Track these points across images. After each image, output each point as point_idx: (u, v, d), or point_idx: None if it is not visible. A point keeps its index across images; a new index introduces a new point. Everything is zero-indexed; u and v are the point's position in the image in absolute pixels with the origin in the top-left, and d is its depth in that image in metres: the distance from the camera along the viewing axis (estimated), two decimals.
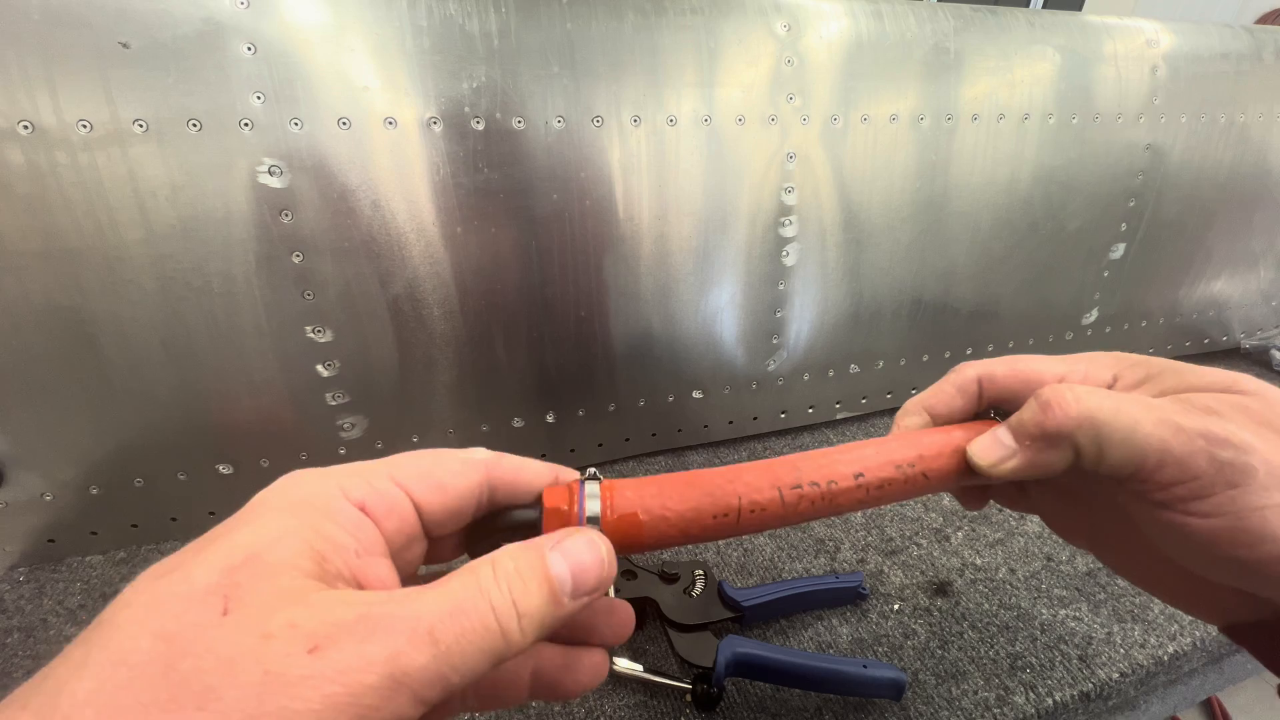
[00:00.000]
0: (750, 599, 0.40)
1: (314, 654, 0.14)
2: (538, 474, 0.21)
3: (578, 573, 0.17)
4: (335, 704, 0.13)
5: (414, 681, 0.14)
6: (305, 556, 0.16)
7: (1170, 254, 0.69)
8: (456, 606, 0.15)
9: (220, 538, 0.16)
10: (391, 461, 0.19)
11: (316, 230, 0.42)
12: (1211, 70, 0.62)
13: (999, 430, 0.23)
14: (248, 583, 0.15)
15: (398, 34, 0.41)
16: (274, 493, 0.17)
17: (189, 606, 0.14)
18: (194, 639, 0.14)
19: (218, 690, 0.13)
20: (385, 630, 0.14)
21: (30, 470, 0.43)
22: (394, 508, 0.18)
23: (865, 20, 0.51)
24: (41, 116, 0.36)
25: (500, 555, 0.17)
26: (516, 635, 0.16)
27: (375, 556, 0.17)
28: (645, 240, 0.50)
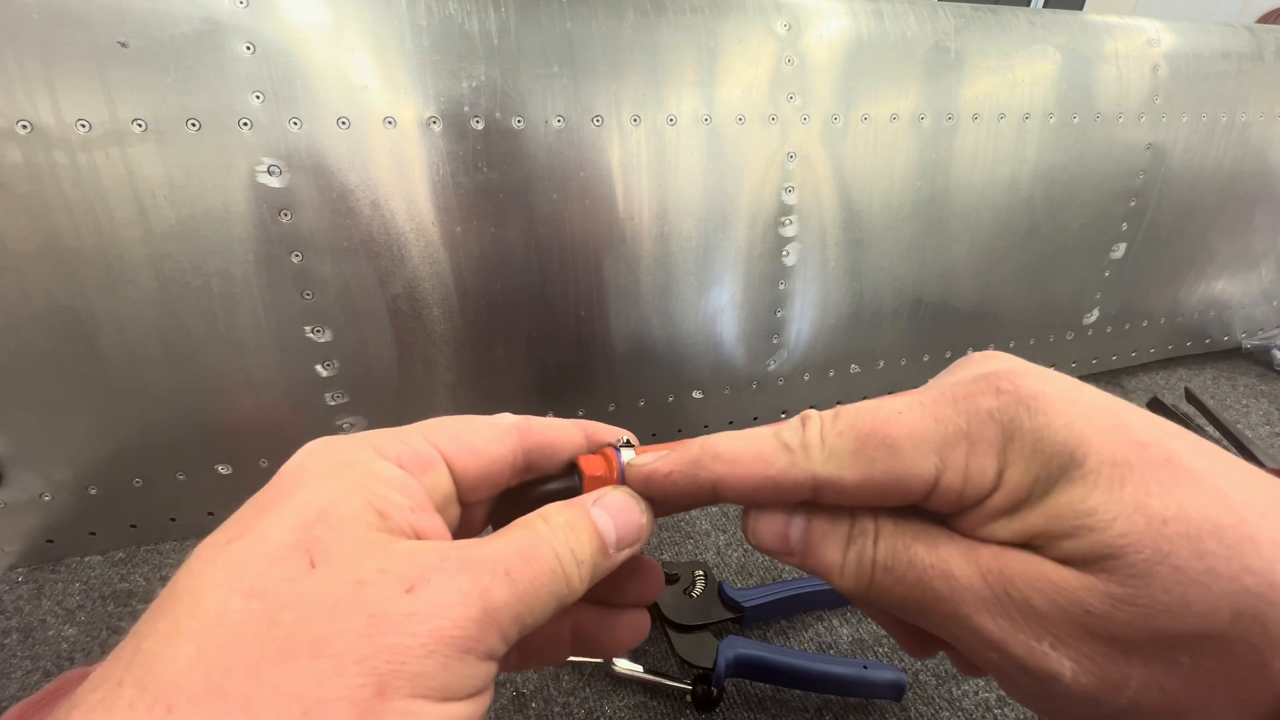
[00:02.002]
0: (750, 599, 0.40)
1: (412, 593, 0.14)
2: (567, 434, 0.21)
3: (620, 525, 0.18)
4: (441, 637, 0.14)
5: (501, 617, 0.15)
6: (370, 512, 0.15)
7: (1171, 253, 0.69)
8: (526, 551, 0.16)
9: (278, 500, 0.15)
10: (424, 425, 0.19)
11: (316, 230, 0.42)
12: (1212, 69, 0.62)
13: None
14: (327, 536, 0.14)
15: (397, 33, 0.40)
16: (310, 458, 0.17)
17: (274, 564, 0.14)
18: (288, 593, 0.13)
19: (327, 637, 0.13)
20: (472, 568, 0.15)
21: (29, 470, 0.43)
22: (430, 465, 0.18)
23: (865, 19, 0.50)
24: (40, 116, 0.36)
25: (548, 510, 0.17)
26: (576, 580, 0.17)
27: (428, 512, 0.17)
28: (645, 240, 0.50)
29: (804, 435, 0.18)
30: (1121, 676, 0.14)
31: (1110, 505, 0.14)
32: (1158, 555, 0.13)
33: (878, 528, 0.18)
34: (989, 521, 0.16)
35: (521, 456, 0.20)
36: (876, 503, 0.17)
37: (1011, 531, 0.16)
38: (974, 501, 0.16)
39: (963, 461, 0.16)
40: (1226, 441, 0.52)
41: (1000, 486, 0.16)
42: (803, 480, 0.17)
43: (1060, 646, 0.14)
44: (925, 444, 0.16)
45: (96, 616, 0.42)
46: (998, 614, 0.15)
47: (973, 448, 0.16)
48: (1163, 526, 0.14)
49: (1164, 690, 0.14)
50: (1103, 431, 0.15)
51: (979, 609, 0.15)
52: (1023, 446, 0.16)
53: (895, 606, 0.17)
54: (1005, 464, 0.16)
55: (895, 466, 0.16)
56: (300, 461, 0.17)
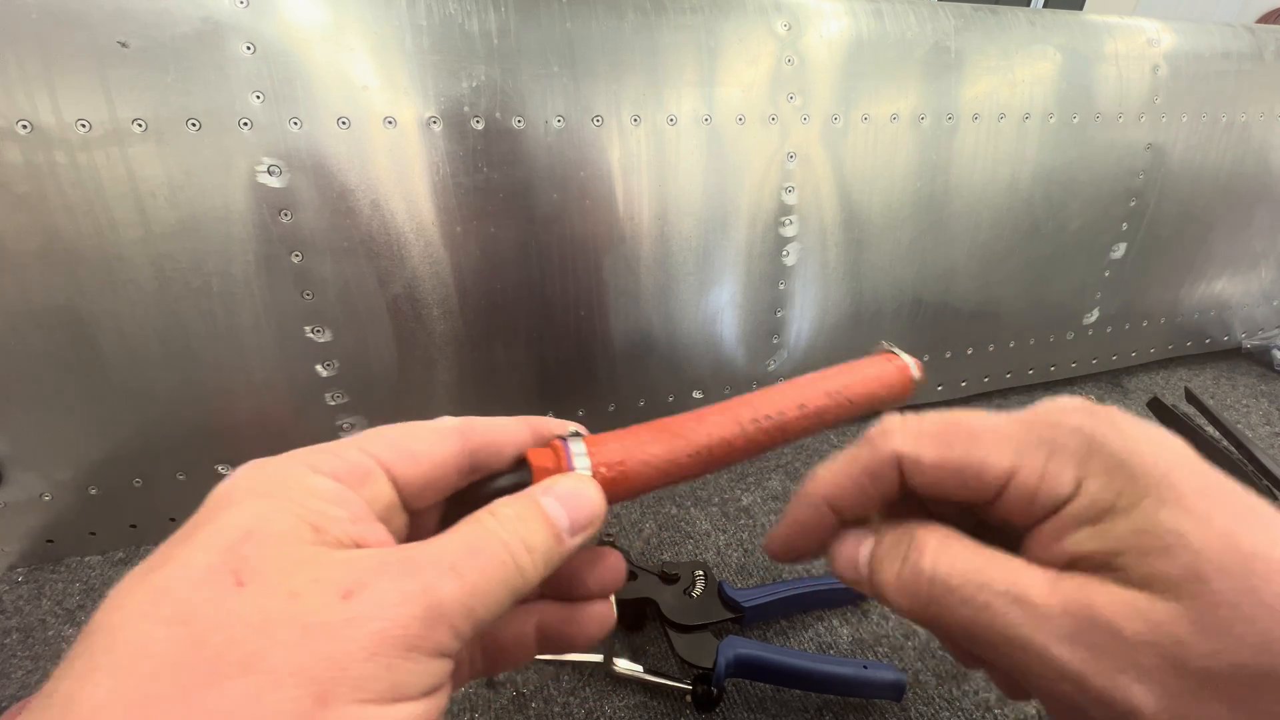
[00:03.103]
0: (750, 599, 0.40)
1: (349, 599, 0.14)
2: (512, 432, 0.21)
3: (572, 511, 0.18)
4: (384, 638, 0.13)
5: (449, 613, 0.14)
6: (303, 527, 0.15)
7: (1171, 253, 0.69)
8: (473, 545, 0.16)
9: (203, 525, 0.15)
10: (360, 436, 0.19)
11: (316, 230, 0.42)
12: (1213, 69, 0.62)
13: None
14: (254, 554, 0.14)
15: (397, 33, 0.40)
16: (238, 481, 0.17)
17: (197, 588, 0.13)
18: (215, 614, 0.13)
19: (259, 653, 0.13)
20: (414, 568, 0.15)
21: (29, 470, 0.43)
22: (367, 476, 0.18)
23: (865, 19, 0.50)
24: (40, 116, 0.36)
25: (496, 504, 0.17)
26: (530, 569, 0.17)
27: (369, 522, 0.17)
28: (645, 240, 0.50)
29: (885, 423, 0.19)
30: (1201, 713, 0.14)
31: (1201, 531, 0.14)
32: (1246, 586, 0.14)
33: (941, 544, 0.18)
34: (1069, 531, 0.16)
35: (466, 458, 0.20)
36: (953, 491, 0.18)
37: (1094, 543, 0.16)
38: (1048, 507, 0.16)
39: (1040, 464, 0.17)
40: (1226, 442, 0.51)
41: (1079, 495, 0.16)
42: (887, 457, 0.19)
43: (1145, 679, 0.14)
44: (1006, 440, 0.17)
45: None
46: (1079, 644, 0.15)
47: (1052, 455, 0.17)
48: (1250, 561, 0.14)
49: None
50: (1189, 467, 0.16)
51: (1057, 639, 0.15)
52: (1106, 461, 0.16)
53: (958, 629, 0.17)
54: (1085, 474, 0.16)
55: (974, 452, 0.17)
56: (228, 485, 0.17)
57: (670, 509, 0.52)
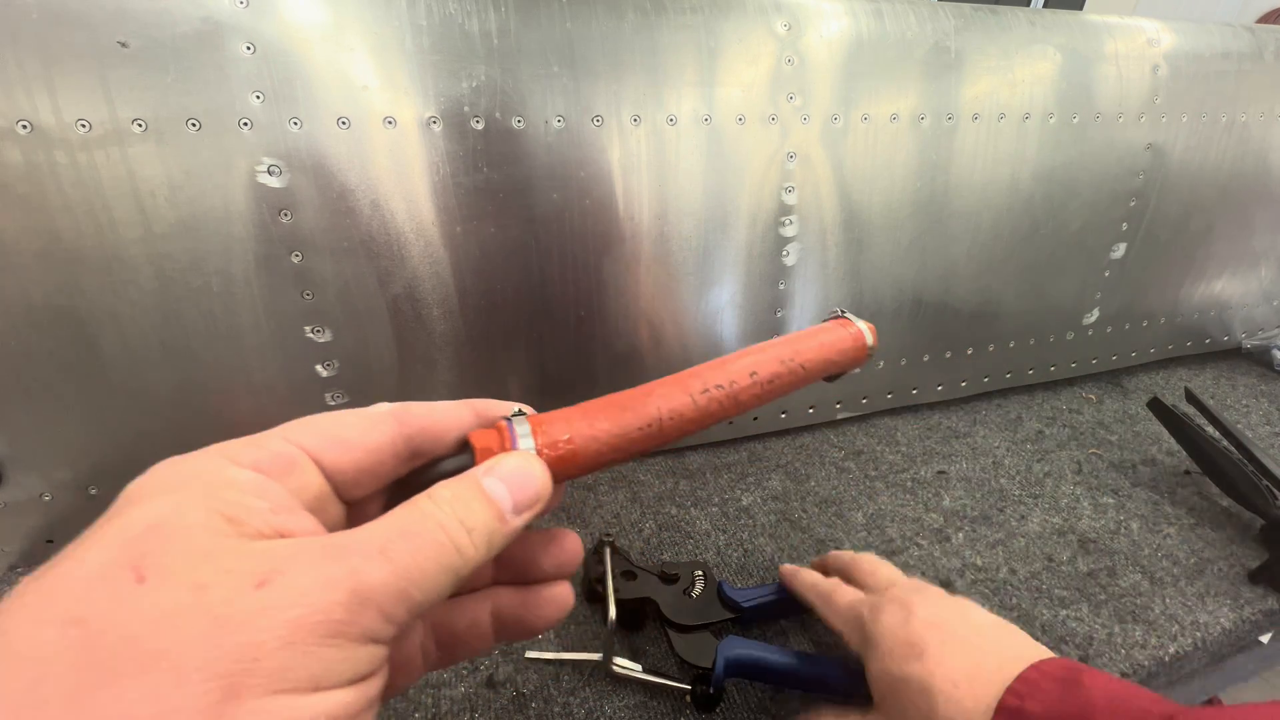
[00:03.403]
0: (750, 600, 0.40)
1: (263, 588, 0.13)
2: (454, 414, 0.20)
3: (515, 490, 0.18)
4: (301, 625, 0.13)
5: (377, 597, 0.14)
6: (217, 519, 0.14)
7: (1171, 253, 0.69)
8: (404, 529, 0.16)
9: (106, 523, 0.14)
10: (285, 425, 0.18)
11: (316, 230, 0.42)
12: (1212, 69, 0.62)
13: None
14: (157, 548, 0.13)
15: (397, 33, 0.40)
16: (150, 477, 0.16)
17: (93, 586, 0.13)
18: (111, 612, 0.12)
19: (160, 650, 0.12)
20: (337, 553, 0.14)
21: (29, 470, 0.43)
22: (291, 466, 0.17)
23: (865, 19, 0.50)
24: (40, 116, 0.36)
25: (435, 487, 0.17)
26: (470, 549, 0.16)
27: (294, 512, 0.16)
28: (645, 240, 0.50)
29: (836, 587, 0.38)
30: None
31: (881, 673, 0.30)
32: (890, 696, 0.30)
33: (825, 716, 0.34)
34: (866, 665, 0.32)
35: (402, 443, 0.19)
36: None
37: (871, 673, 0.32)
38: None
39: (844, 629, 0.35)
40: (1226, 442, 0.52)
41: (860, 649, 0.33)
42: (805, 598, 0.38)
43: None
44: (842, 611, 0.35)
45: None
46: None
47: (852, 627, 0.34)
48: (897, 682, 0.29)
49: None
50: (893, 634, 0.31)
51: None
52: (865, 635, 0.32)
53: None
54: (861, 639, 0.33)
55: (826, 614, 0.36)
56: (139, 482, 0.16)
57: (670, 509, 0.52)
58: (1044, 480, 0.56)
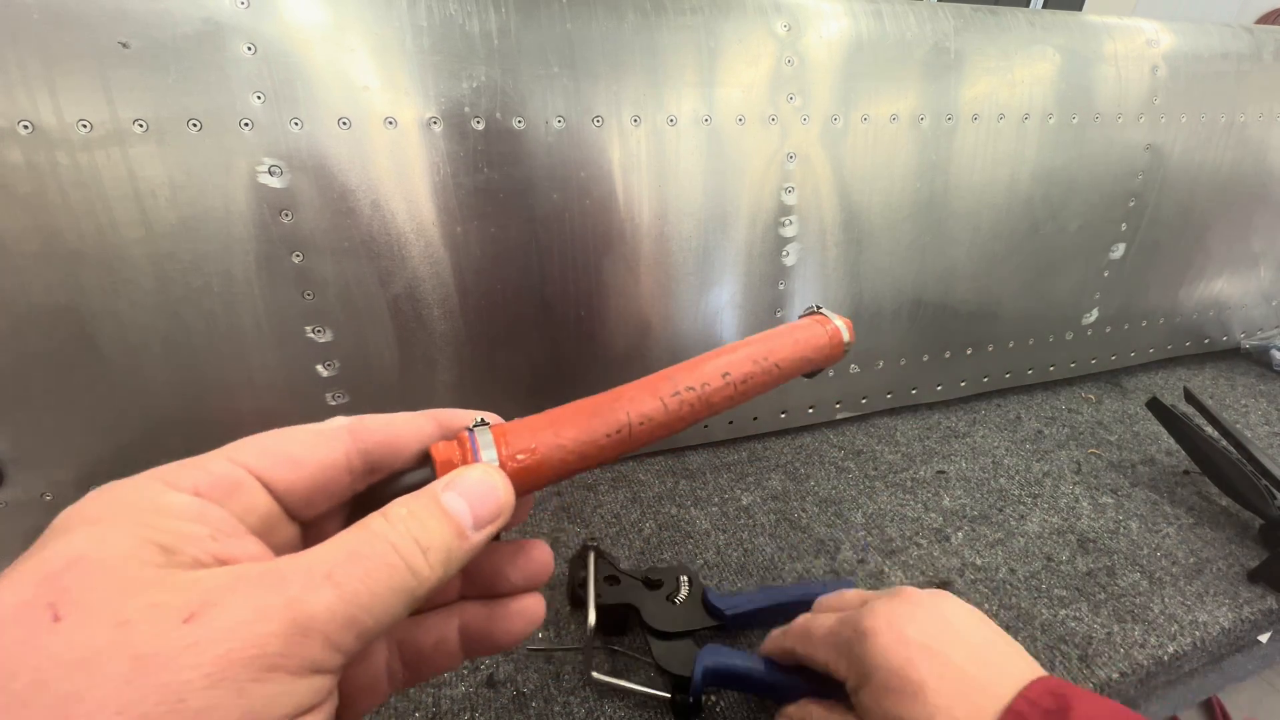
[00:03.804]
0: (733, 607, 0.39)
1: (191, 622, 0.12)
2: (414, 427, 0.20)
3: (475, 504, 0.17)
4: (231, 661, 0.12)
5: (321, 625, 0.13)
6: (148, 549, 0.14)
7: (1170, 254, 0.69)
8: (352, 551, 0.15)
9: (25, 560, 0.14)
10: (230, 445, 0.17)
11: (316, 230, 0.42)
12: (1212, 70, 0.62)
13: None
14: (77, 584, 0.13)
15: (398, 34, 0.41)
16: (82, 506, 0.15)
17: (4, 627, 0.12)
18: (22, 656, 0.12)
19: (75, 693, 0.11)
20: (275, 580, 0.14)
21: (30, 470, 0.43)
22: (236, 488, 0.16)
23: (865, 20, 0.51)
24: (41, 116, 0.36)
25: (390, 505, 0.16)
26: (425, 570, 0.16)
27: (237, 537, 0.15)
28: (645, 240, 0.50)
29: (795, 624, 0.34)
30: None
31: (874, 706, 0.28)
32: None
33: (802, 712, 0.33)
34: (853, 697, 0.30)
35: (358, 458, 0.19)
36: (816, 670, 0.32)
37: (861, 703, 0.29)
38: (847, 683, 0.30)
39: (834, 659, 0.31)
40: (1225, 442, 0.52)
41: (848, 678, 0.30)
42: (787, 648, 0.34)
43: None
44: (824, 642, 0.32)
45: None
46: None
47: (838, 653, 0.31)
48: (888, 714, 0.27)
49: None
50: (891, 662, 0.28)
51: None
52: (851, 659, 0.29)
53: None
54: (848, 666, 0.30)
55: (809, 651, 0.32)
56: (69, 511, 0.15)
57: (670, 509, 0.52)
58: (1043, 480, 0.56)
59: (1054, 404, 0.69)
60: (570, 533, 0.49)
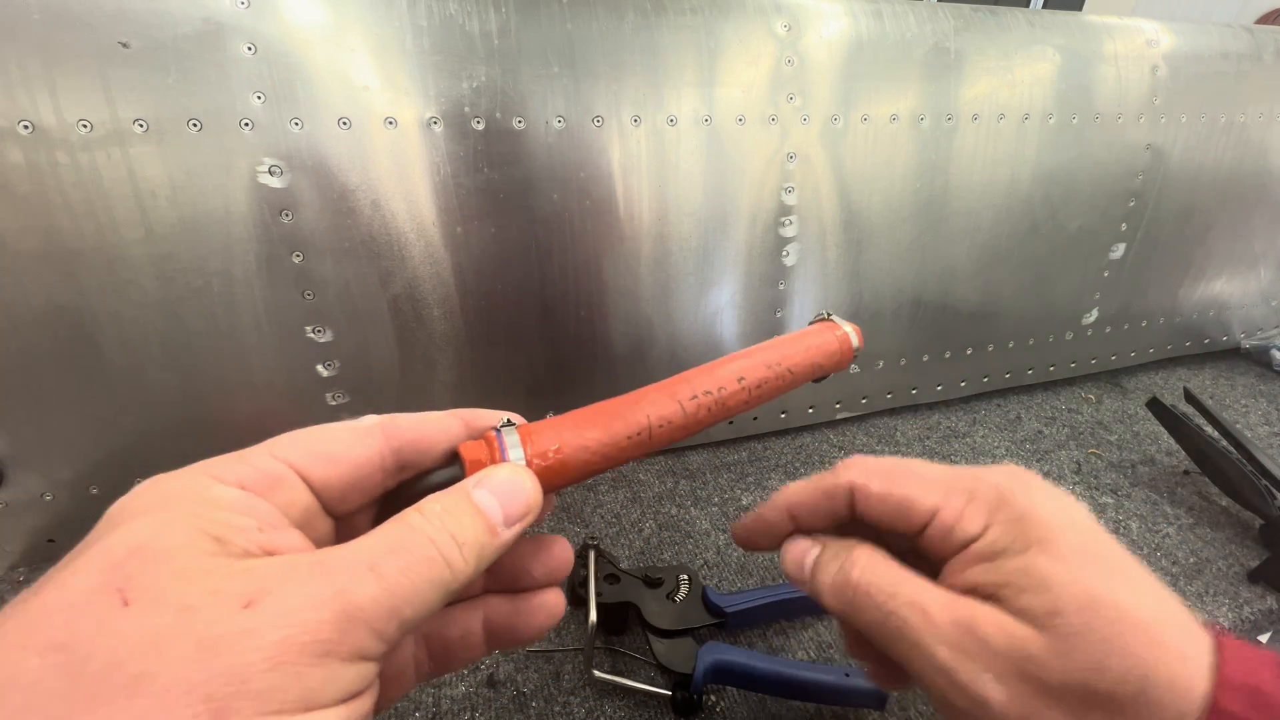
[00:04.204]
0: (733, 605, 0.39)
1: (250, 608, 0.13)
2: (442, 425, 0.20)
3: (505, 502, 0.18)
4: (289, 646, 0.13)
5: (367, 615, 0.14)
6: (202, 539, 0.14)
7: (1170, 254, 0.69)
8: (395, 544, 0.15)
9: (88, 546, 0.14)
10: (271, 441, 0.18)
11: (316, 230, 0.42)
12: (1212, 70, 0.62)
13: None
14: (141, 571, 0.13)
15: (398, 34, 0.41)
16: (133, 499, 0.16)
17: (77, 612, 0.13)
18: (96, 637, 0.12)
19: (148, 674, 0.12)
20: (325, 571, 0.14)
21: (30, 470, 0.43)
22: (278, 483, 0.17)
23: (865, 20, 0.51)
24: (41, 116, 0.36)
25: (425, 501, 0.17)
26: (460, 563, 0.16)
27: (281, 529, 0.16)
28: (645, 240, 0.50)
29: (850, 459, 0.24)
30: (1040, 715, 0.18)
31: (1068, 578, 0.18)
32: (1090, 625, 0.18)
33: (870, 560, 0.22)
34: (971, 564, 0.20)
35: (390, 456, 0.19)
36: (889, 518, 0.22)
37: (986, 578, 0.20)
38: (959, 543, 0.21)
39: (959, 507, 0.21)
40: (1225, 441, 0.52)
41: (983, 537, 0.20)
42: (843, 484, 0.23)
43: (1001, 681, 0.18)
44: (937, 484, 0.22)
45: None
46: (956, 649, 0.19)
47: (969, 501, 0.21)
48: (1098, 605, 0.18)
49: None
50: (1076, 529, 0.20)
51: (940, 642, 0.19)
52: (1010, 514, 0.20)
53: (868, 626, 0.21)
54: (992, 521, 0.20)
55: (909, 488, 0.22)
56: (123, 502, 0.16)
57: (670, 509, 0.52)
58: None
59: (1054, 404, 0.69)
60: (570, 532, 0.49)
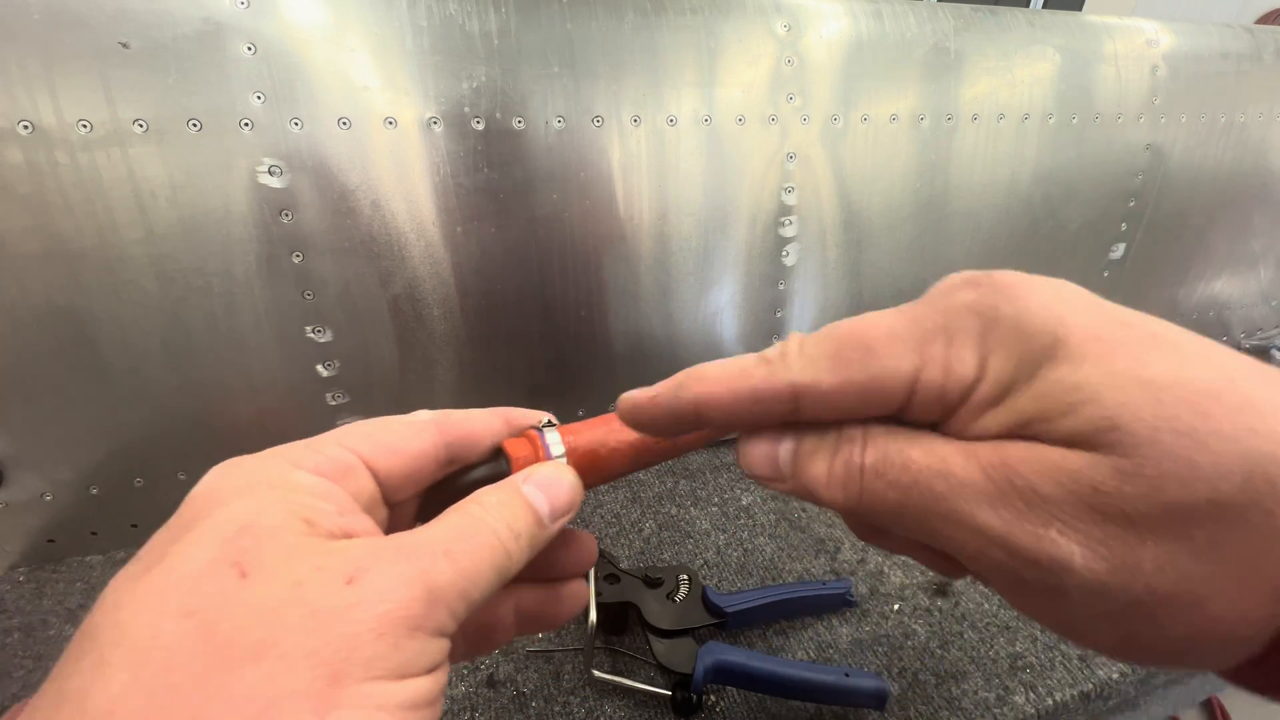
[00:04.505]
0: (733, 605, 0.39)
1: (353, 584, 0.14)
2: (487, 423, 0.21)
3: (551, 497, 0.19)
4: (389, 619, 0.14)
5: (445, 596, 0.15)
6: (296, 521, 0.15)
7: (1170, 254, 0.69)
8: (463, 531, 0.17)
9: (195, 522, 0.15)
10: (338, 431, 0.19)
11: (316, 230, 0.42)
12: (1211, 70, 0.62)
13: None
14: (254, 547, 0.14)
15: (398, 34, 0.41)
16: (222, 480, 0.17)
17: (202, 581, 0.14)
18: (222, 605, 0.13)
19: (270, 640, 0.13)
20: (410, 553, 0.15)
21: (30, 470, 0.43)
22: (349, 471, 0.18)
23: (865, 20, 0.51)
24: (41, 116, 0.36)
25: (480, 493, 0.18)
26: (516, 552, 0.17)
27: (355, 514, 0.17)
28: (645, 240, 0.50)
29: (783, 347, 0.17)
30: (1135, 559, 0.13)
31: (1103, 377, 0.14)
32: (1160, 420, 0.13)
33: (866, 435, 0.17)
34: (978, 415, 0.15)
35: (443, 450, 0.20)
36: (858, 409, 0.17)
37: (1002, 422, 0.15)
38: (957, 397, 0.16)
39: (942, 355, 0.16)
40: None
41: (984, 376, 0.15)
42: (781, 389, 0.17)
43: (1069, 531, 0.14)
44: (903, 343, 0.16)
45: None
46: (1000, 506, 0.14)
47: (951, 340, 0.16)
48: (1160, 393, 0.13)
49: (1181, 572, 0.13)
50: (1083, 311, 0.15)
51: (980, 504, 0.14)
52: (1003, 333, 0.15)
53: (890, 514, 0.16)
54: (987, 352, 0.15)
55: (873, 366, 0.16)
56: (212, 484, 0.17)
57: (670, 509, 0.52)
58: None
59: None
60: None
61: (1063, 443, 0.14)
